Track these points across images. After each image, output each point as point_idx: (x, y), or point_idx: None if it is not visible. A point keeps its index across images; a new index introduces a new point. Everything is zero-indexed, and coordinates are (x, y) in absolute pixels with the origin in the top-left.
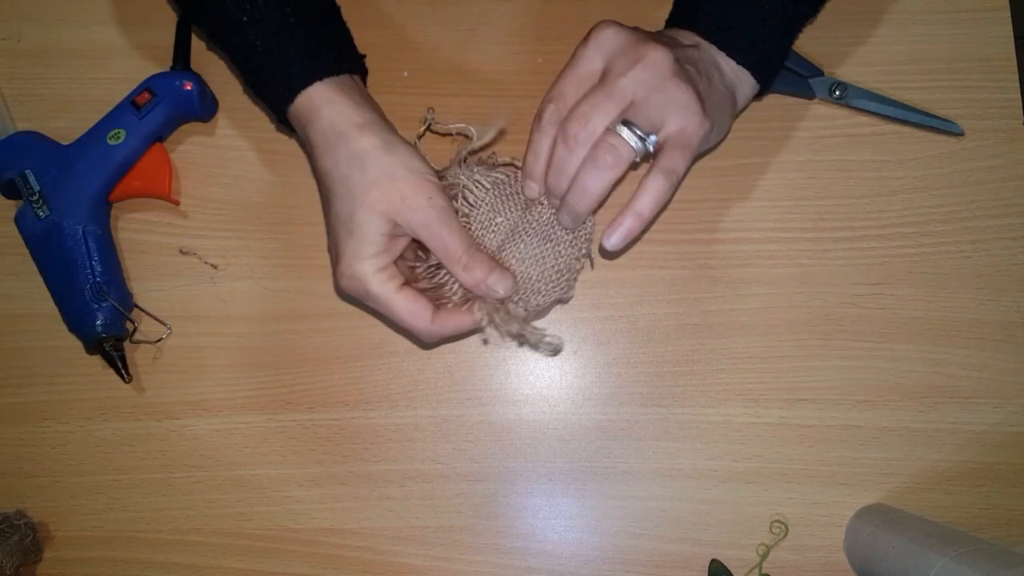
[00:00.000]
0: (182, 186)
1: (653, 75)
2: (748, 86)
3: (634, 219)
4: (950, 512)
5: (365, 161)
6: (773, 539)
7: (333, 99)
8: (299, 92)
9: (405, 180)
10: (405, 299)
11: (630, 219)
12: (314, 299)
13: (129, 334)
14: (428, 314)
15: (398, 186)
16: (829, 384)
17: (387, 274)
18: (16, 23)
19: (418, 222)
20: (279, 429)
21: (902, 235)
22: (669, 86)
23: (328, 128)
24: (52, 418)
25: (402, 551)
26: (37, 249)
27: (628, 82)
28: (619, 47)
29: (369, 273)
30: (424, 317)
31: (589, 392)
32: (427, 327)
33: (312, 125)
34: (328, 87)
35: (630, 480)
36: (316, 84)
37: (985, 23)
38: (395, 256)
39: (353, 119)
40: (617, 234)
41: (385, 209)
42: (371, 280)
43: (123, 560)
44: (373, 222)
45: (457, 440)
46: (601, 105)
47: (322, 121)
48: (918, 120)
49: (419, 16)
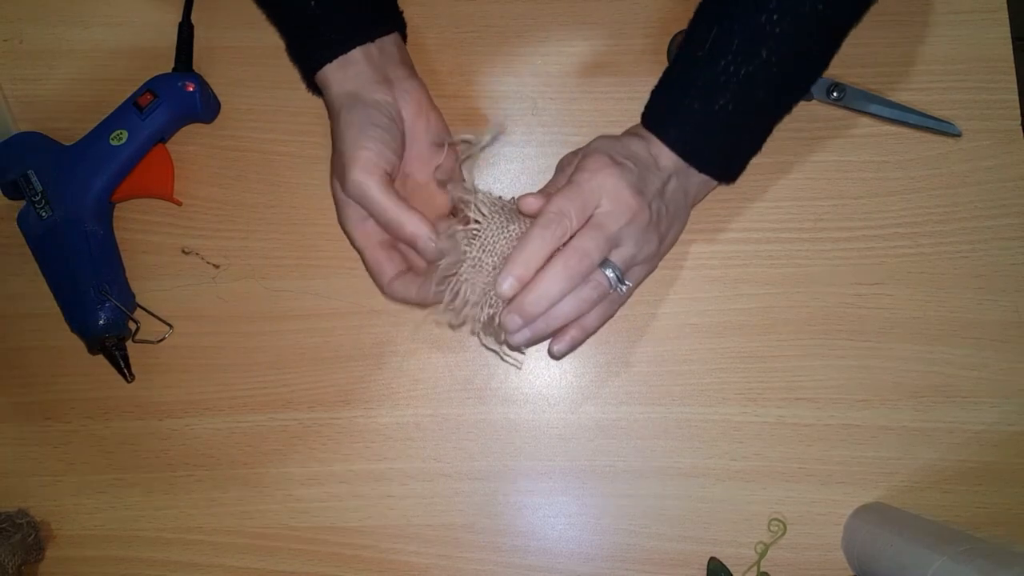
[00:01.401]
0: (184, 187)
1: (638, 231)
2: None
3: (578, 331)
4: (948, 511)
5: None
6: (771, 537)
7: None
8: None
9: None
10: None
11: (575, 330)
12: (315, 299)
13: (131, 334)
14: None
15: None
16: (827, 383)
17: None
18: (18, 24)
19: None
20: (280, 428)
21: (900, 235)
22: (649, 235)
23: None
24: (54, 417)
25: (403, 549)
26: (40, 249)
27: (621, 235)
28: (617, 200)
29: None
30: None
31: (589, 391)
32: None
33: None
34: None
35: (629, 479)
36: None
37: (983, 24)
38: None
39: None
40: (564, 343)
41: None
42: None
43: (125, 559)
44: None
45: (457, 439)
46: (600, 247)
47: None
48: (916, 121)
49: (419, 16)
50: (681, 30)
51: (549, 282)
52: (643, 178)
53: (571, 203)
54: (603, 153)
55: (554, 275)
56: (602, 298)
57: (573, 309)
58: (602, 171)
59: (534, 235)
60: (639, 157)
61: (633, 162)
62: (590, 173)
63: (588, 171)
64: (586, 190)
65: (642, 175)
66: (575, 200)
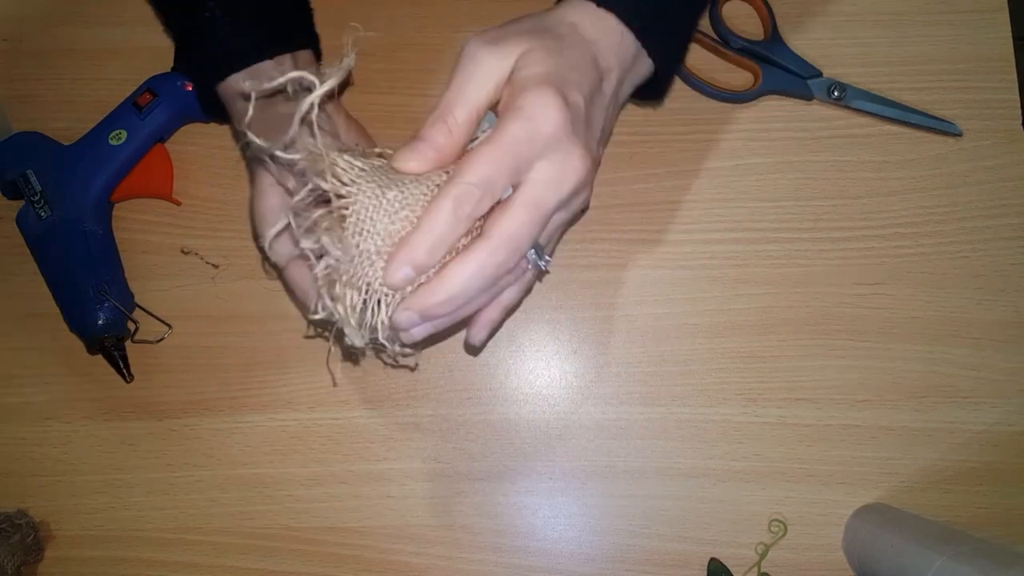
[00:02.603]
0: (183, 186)
1: (581, 195)
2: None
3: (496, 311)
4: (948, 511)
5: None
6: (772, 538)
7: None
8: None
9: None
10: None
11: (492, 311)
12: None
13: (130, 334)
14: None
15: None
16: (828, 383)
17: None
18: (17, 24)
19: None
20: (280, 428)
21: (900, 235)
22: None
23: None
24: (53, 418)
25: (402, 549)
26: (38, 249)
27: (556, 208)
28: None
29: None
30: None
31: (589, 392)
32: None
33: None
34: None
35: (629, 479)
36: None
37: (984, 24)
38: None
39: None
40: (483, 329)
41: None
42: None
43: (124, 559)
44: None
45: (457, 439)
46: (535, 233)
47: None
48: (917, 121)
49: (418, 16)
50: None
51: (468, 280)
52: (591, 108)
53: (501, 169)
54: (548, 83)
55: (475, 273)
56: (520, 276)
57: (488, 297)
58: (546, 116)
59: (442, 211)
60: (577, 60)
61: (578, 76)
62: (527, 121)
63: (525, 116)
64: (523, 147)
65: (589, 103)
66: (505, 164)
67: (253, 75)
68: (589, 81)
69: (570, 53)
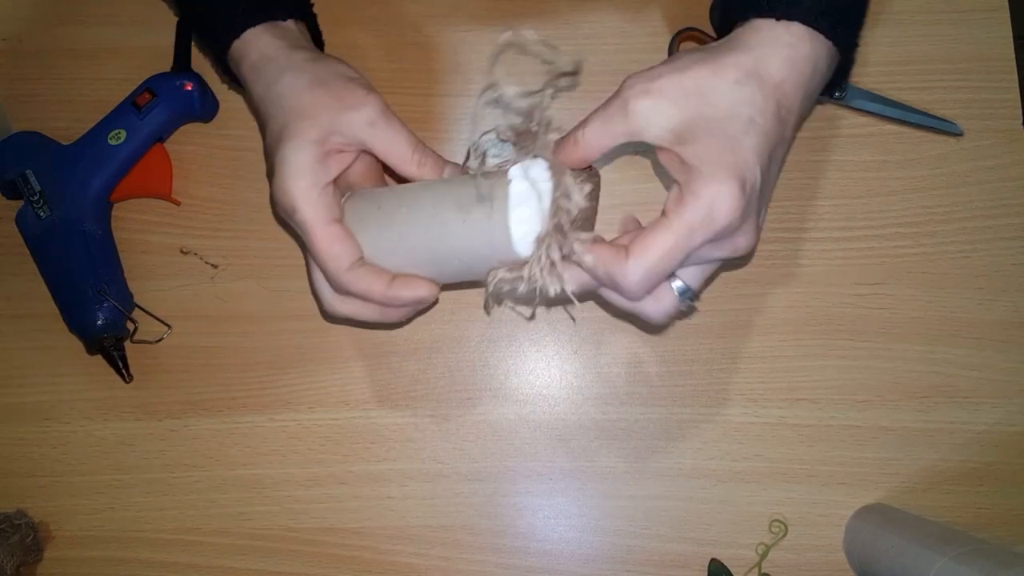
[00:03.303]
0: (183, 186)
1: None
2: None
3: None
4: (949, 512)
5: (294, 74)
6: (772, 539)
7: (262, 36)
8: (234, 38)
9: (336, 83)
10: (330, 233)
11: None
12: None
13: (130, 334)
14: (348, 260)
15: (330, 90)
16: (828, 384)
17: (318, 196)
18: (17, 24)
19: (355, 123)
20: (280, 428)
21: (901, 235)
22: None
23: (257, 58)
24: (53, 418)
25: (402, 550)
26: (38, 249)
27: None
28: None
29: (300, 190)
30: (343, 260)
31: (589, 392)
32: (340, 273)
33: (244, 61)
34: (262, 29)
35: (629, 479)
36: (250, 29)
37: (984, 23)
38: (332, 175)
39: (281, 46)
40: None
41: (317, 115)
42: (299, 198)
43: (123, 559)
44: (306, 130)
45: (457, 440)
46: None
47: (252, 55)
48: (917, 120)
49: (419, 16)
50: (681, 29)
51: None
52: (767, 173)
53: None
54: (729, 174)
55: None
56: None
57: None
58: (724, 209)
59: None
60: (754, 117)
61: (756, 140)
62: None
63: (705, 206)
64: (697, 236)
65: (766, 170)
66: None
67: (273, 33)
68: (770, 142)
69: (747, 112)
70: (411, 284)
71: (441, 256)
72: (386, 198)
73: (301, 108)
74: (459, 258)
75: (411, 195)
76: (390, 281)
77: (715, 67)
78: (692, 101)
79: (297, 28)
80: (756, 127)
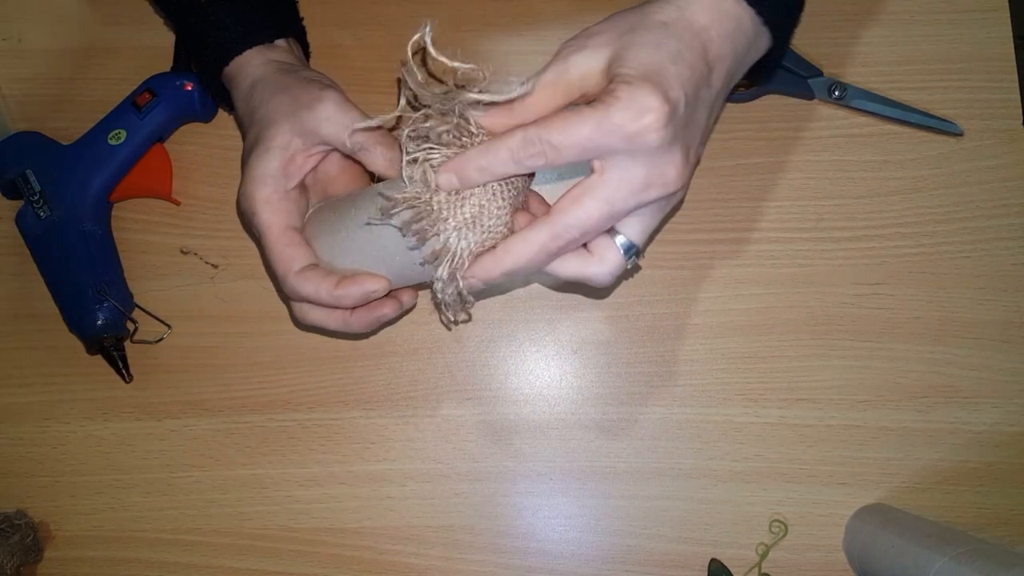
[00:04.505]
0: (183, 186)
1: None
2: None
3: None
4: (949, 512)
5: (263, 86)
6: (772, 539)
7: (254, 59)
8: (223, 65)
9: (296, 87)
10: (282, 238)
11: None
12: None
13: (130, 334)
14: (298, 264)
15: (290, 93)
16: (829, 384)
17: (279, 202)
18: (17, 23)
19: (312, 121)
20: (279, 429)
21: (901, 235)
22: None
23: (245, 82)
24: (53, 418)
25: (402, 550)
26: (38, 249)
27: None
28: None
29: (261, 196)
30: (292, 263)
31: (589, 392)
32: (288, 275)
33: (234, 85)
34: (252, 54)
35: (629, 480)
36: (237, 57)
37: (984, 23)
38: (295, 180)
39: (265, 65)
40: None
41: (280, 121)
42: (259, 202)
43: (123, 560)
44: (271, 137)
45: (457, 440)
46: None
47: (241, 81)
48: (917, 120)
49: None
50: None
51: (529, 260)
52: (694, 105)
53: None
54: (647, 79)
55: (535, 254)
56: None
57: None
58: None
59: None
60: (681, 50)
61: (681, 69)
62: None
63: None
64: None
65: (693, 99)
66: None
67: (261, 53)
68: (695, 75)
69: (673, 44)
70: (358, 280)
71: (382, 253)
72: (341, 202)
73: (267, 117)
74: (394, 254)
75: (361, 197)
76: (338, 282)
77: (642, 12)
78: (623, 40)
79: (287, 45)
80: (682, 59)
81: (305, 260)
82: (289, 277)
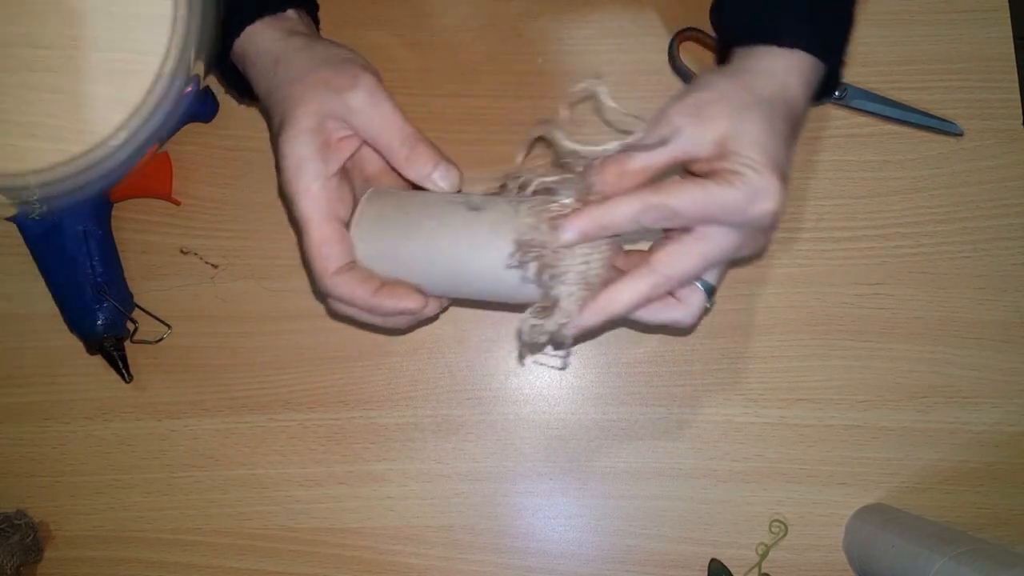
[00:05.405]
0: (183, 186)
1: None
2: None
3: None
4: (949, 512)
5: (287, 63)
6: (772, 539)
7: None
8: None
9: (325, 67)
10: (324, 233)
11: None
12: (314, 299)
13: (130, 334)
14: (335, 264)
15: (319, 74)
16: (829, 384)
17: (319, 191)
18: None
19: (342, 107)
20: (279, 429)
21: (901, 235)
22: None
23: (256, 54)
24: (53, 418)
25: (402, 550)
26: (38, 249)
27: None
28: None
29: (301, 184)
30: (329, 263)
31: (589, 392)
32: (325, 275)
33: (247, 59)
34: (262, 25)
35: (630, 480)
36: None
37: (984, 23)
38: (336, 166)
39: (278, 37)
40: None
41: (308, 103)
42: (299, 191)
43: (123, 560)
44: (300, 119)
45: (457, 440)
46: (695, 279)
47: (252, 53)
48: (917, 120)
49: (419, 16)
50: (681, 29)
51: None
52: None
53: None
54: (775, 171)
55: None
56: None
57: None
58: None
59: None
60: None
61: (787, 147)
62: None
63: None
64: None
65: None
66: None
67: (272, 25)
68: (794, 144)
69: (780, 125)
70: (396, 293)
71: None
72: (407, 202)
73: (293, 97)
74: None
75: (436, 204)
76: (376, 289)
77: (748, 90)
78: (738, 117)
79: (298, 16)
80: (789, 141)
81: (343, 259)
82: (326, 278)
